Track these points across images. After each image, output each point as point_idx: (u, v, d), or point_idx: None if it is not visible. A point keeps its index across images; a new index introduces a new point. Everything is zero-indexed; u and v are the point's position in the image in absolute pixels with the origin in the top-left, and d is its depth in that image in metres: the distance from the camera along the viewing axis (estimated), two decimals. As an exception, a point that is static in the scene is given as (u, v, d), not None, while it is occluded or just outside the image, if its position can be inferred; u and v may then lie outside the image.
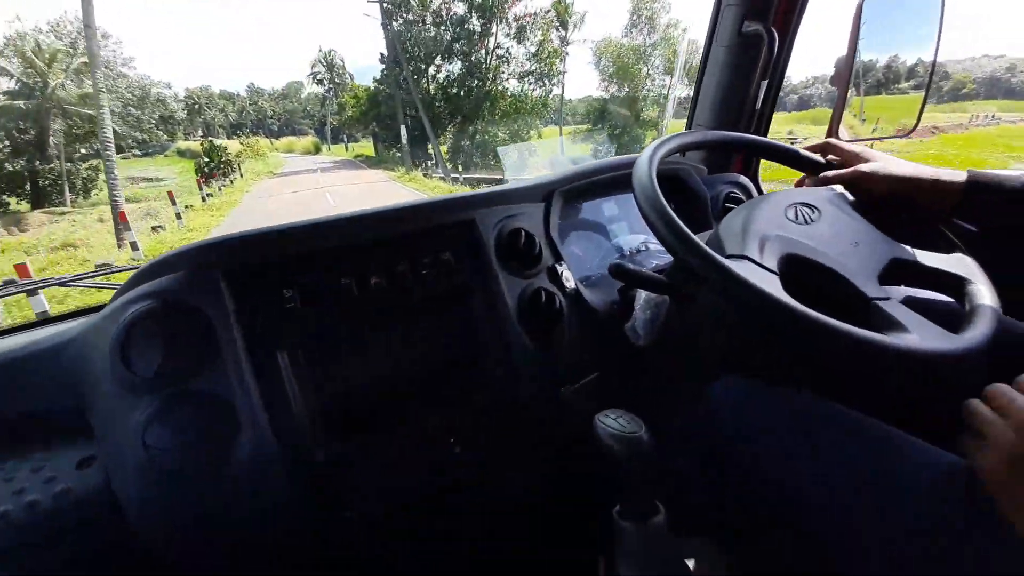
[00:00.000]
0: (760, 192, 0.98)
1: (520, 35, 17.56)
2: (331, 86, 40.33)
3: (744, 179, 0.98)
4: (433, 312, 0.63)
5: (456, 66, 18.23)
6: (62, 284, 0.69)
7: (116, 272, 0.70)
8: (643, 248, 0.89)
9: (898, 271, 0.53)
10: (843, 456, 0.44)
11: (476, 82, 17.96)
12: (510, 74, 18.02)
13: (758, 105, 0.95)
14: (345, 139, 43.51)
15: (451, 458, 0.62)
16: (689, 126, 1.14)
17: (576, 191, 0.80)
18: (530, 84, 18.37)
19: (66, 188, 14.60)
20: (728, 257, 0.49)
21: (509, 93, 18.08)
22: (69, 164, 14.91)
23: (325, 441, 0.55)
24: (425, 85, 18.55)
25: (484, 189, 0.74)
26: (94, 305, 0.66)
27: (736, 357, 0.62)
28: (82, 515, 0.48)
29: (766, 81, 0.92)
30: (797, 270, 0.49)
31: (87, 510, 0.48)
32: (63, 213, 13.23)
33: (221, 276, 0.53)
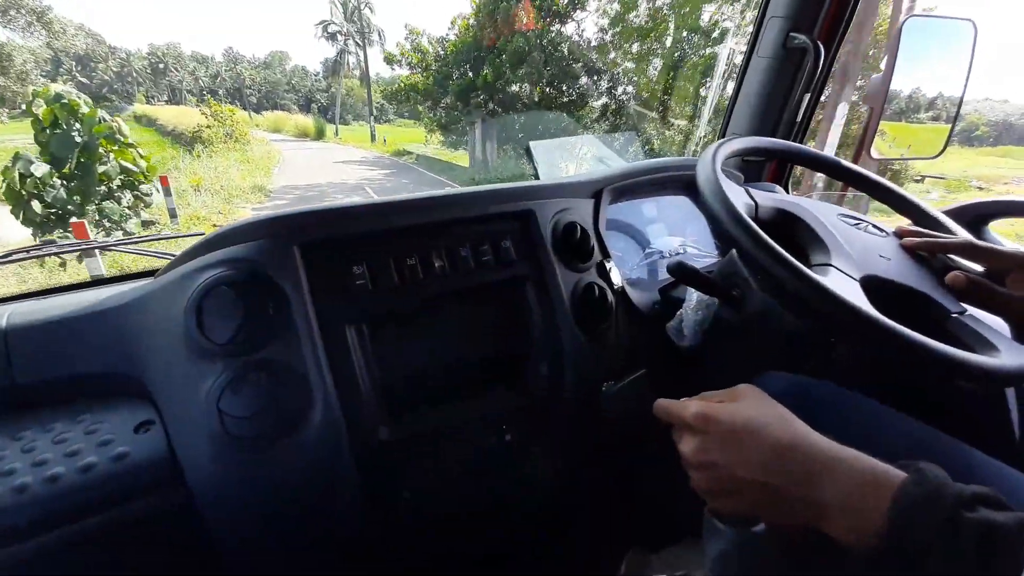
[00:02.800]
0: None
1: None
2: (347, 42, 31.03)
3: (779, 188, 1.07)
4: (490, 298, 0.68)
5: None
6: (105, 247, 0.72)
7: (158, 239, 0.73)
8: (681, 251, 0.96)
9: None
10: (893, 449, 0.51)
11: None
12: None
13: (798, 117, 1.03)
14: (336, 119, 34.48)
15: (502, 445, 0.67)
16: (723, 133, 1.22)
17: (622, 189, 0.87)
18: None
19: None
20: (813, 267, 0.55)
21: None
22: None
23: (388, 421, 0.59)
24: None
25: (538, 182, 0.79)
26: (142, 270, 0.70)
27: (786, 359, 0.69)
28: (141, 479, 0.51)
29: (808, 94, 1.00)
30: (876, 283, 0.55)
31: (147, 474, 0.51)
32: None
33: (297, 247, 0.56)
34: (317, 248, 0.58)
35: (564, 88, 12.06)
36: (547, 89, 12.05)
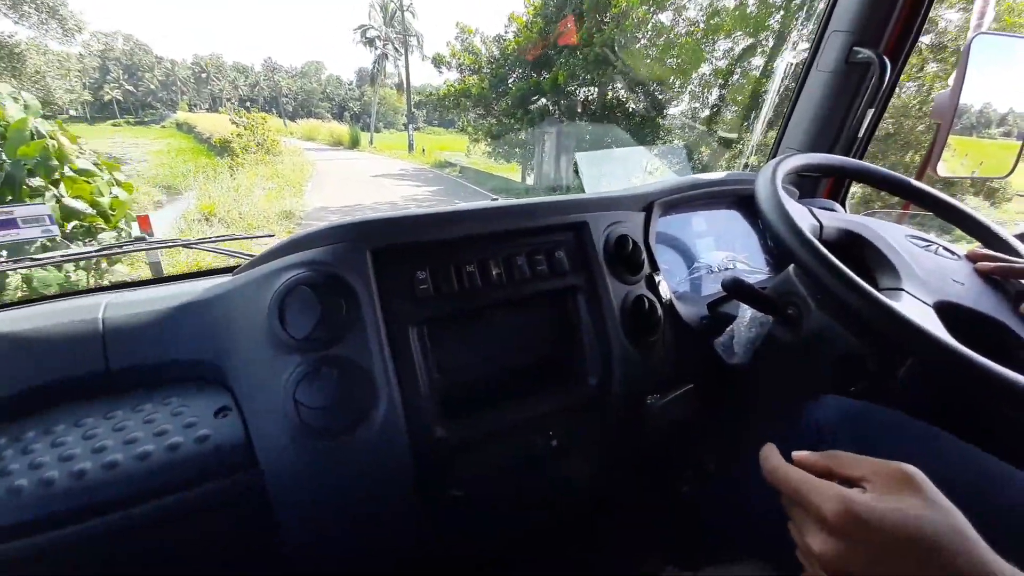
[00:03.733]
0: None
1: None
2: (386, 47, 30.11)
3: (837, 205, 1.05)
4: (543, 307, 0.71)
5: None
6: (187, 245, 0.79)
7: (234, 239, 0.80)
8: (730, 266, 0.97)
9: None
10: (955, 486, 0.50)
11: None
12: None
13: (860, 133, 1.02)
14: (372, 127, 34.02)
15: (548, 449, 0.69)
16: (776, 150, 1.22)
17: (672, 203, 0.89)
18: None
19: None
20: (883, 290, 0.55)
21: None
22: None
23: (444, 422, 0.63)
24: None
25: (589, 194, 0.82)
26: (220, 267, 0.76)
27: (840, 382, 0.68)
28: (221, 461, 0.56)
29: (872, 109, 1.00)
30: (950, 309, 0.55)
31: (225, 457, 0.56)
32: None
33: (368, 253, 0.61)
34: (386, 254, 0.63)
35: (640, 95, 10.64)
36: (630, 95, 10.75)
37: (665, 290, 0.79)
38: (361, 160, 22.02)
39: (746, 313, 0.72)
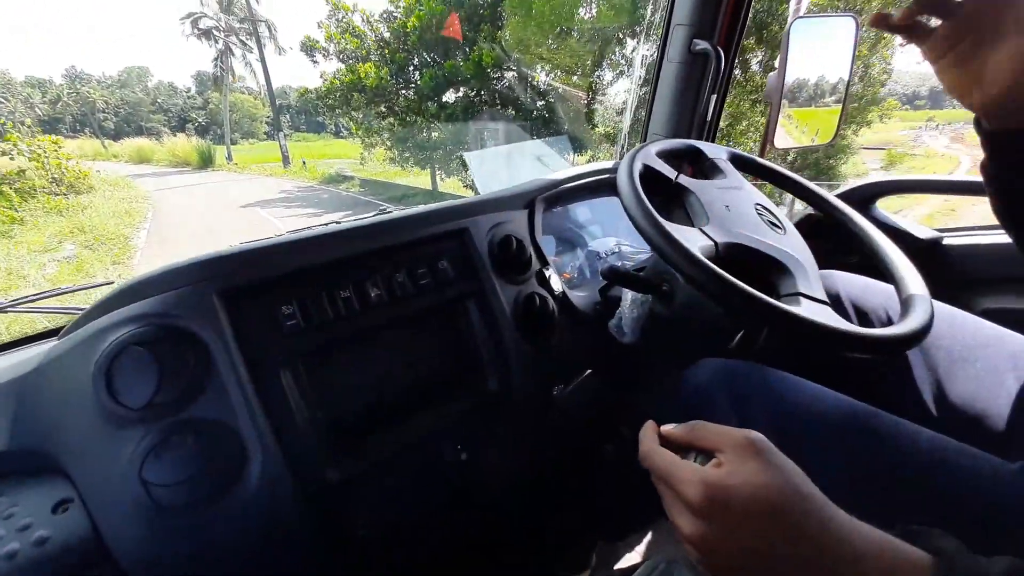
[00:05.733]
0: None
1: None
2: (228, 39, 26.12)
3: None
4: (432, 321, 0.74)
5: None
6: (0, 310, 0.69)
7: (61, 293, 0.71)
8: (616, 250, 1.09)
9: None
10: (824, 431, 0.59)
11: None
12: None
13: (708, 117, 1.21)
14: (226, 139, 29.16)
15: (458, 464, 0.72)
16: (645, 136, 1.40)
17: (554, 197, 0.98)
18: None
19: None
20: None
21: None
22: None
23: (335, 460, 0.62)
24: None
25: (471, 197, 0.88)
26: (44, 331, 0.68)
27: (713, 343, 0.82)
28: (67, 563, 0.50)
29: (715, 95, 1.19)
30: (740, 255, 0.67)
31: (72, 557, 0.50)
32: None
33: (215, 295, 0.58)
34: (239, 293, 0.60)
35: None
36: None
37: (557, 283, 0.87)
38: (220, 182, 18.23)
39: (627, 295, 0.82)
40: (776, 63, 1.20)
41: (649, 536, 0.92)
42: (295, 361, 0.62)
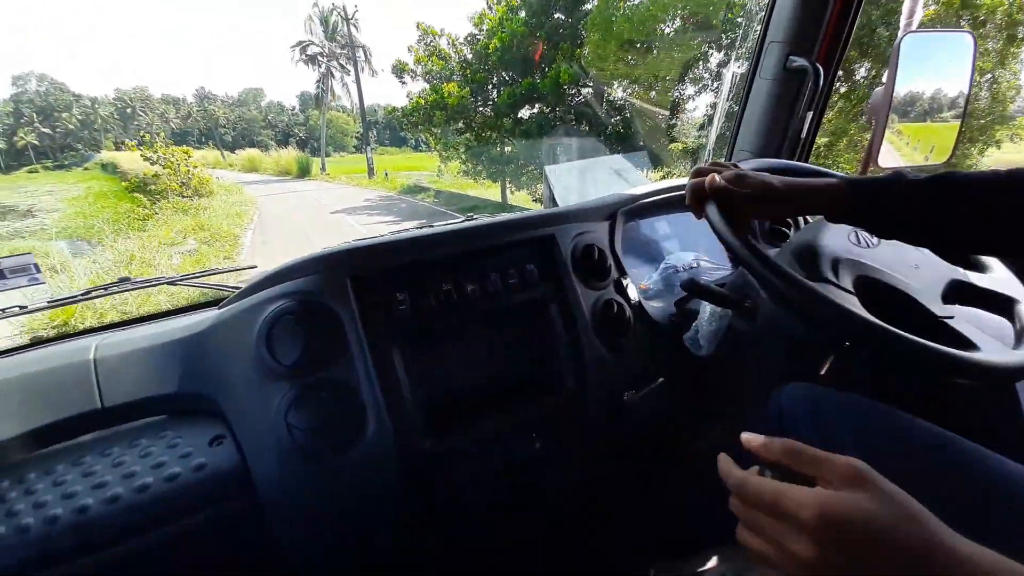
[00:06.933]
0: None
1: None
2: (330, 63, 28.94)
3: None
4: (517, 318, 0.82)
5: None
6: (171, 283, 0.87)
7: (216, 273, 0.89)
8: (695, 265, 1.09)
9: (956, 291, 0.69)
10: (914, 462, 0.56)
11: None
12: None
13: (803, 135, 1.18)
14: (322, 151, 33.07)
15: (532, 452, 0.78)
16: (731, 153, 1.38)
17: (635, 211, 1.01)
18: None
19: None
20: (809, 280, 0.66)
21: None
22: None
23: (430, 433, 0.71)
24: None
25: (558, 208, 0.94)
26: (204, 301, 0.84)
27: (800, 368, 0.80)
28: (218, 487, 0.63)
29: (811, 112, 1.16)
30: (870, 290, 0.66)
31: (224, 482, 0.63)
32: None
33: (349, 280, 0.71)
34: (365, 279, 0.72)
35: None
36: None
37: (633, 292, 0.90)
38: (314, 191, 20.22)
39: (706, 308, 0.84)
40: (883, 77, 1.16)
41: (715, 560, 0.90)
42: (404, 342, 0.73)
